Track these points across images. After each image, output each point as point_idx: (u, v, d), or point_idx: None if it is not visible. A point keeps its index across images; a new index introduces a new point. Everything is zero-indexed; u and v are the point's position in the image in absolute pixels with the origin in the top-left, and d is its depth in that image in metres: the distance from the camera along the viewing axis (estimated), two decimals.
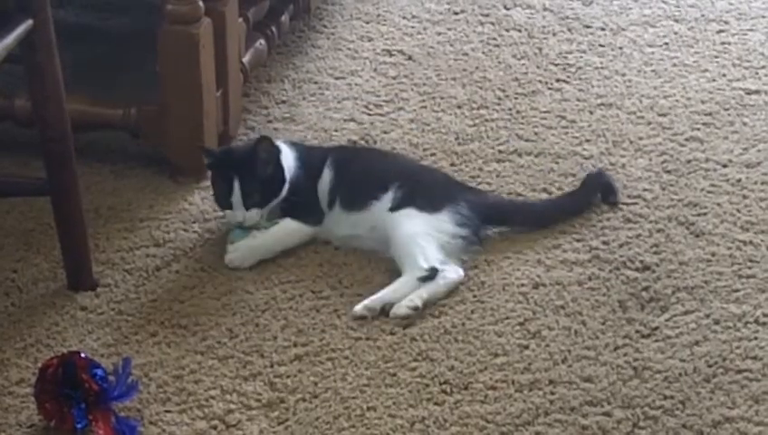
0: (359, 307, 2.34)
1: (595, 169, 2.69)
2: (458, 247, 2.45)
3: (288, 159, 2.54)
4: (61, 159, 2.32)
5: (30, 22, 2.20)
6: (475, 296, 2.39)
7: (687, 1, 3.47)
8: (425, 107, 3.00)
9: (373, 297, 2.35)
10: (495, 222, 2.54)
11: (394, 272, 2.42)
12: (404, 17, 3.38)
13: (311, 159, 2.58)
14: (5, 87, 2.70)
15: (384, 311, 2.34)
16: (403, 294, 2.34)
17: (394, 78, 3.11)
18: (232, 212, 2.49)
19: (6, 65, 2.19)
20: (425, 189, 2.51)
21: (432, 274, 2.37)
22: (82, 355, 2.09)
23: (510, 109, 2.99)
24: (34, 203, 2.57)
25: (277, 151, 2.51)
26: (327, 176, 2.55)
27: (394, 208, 2.47)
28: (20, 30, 2.18)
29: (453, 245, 2.44)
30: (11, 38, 2.16)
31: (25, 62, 2.25)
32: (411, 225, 2.44)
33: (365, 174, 2.55)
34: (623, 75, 3.12)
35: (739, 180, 2.72)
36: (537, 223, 2.56)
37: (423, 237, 2.42)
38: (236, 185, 2.48)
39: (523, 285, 2.41)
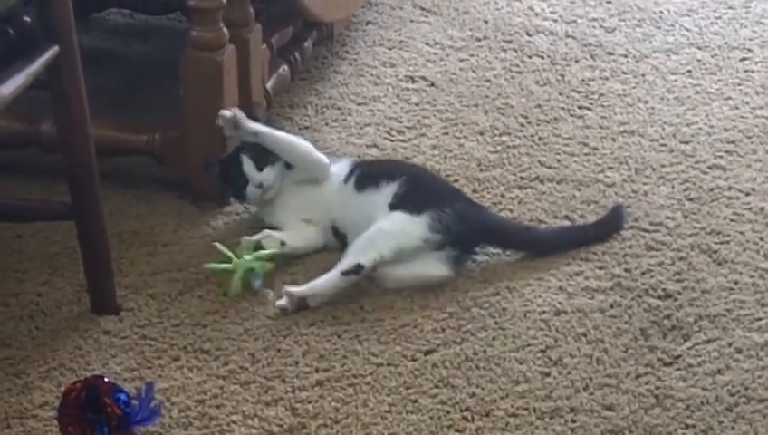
0: (281, 301, 2.40)
1: (616, 205, 2.68)
2: (430, 253, 2.45)
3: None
4: (85, 183, 2.33)
5: (56, 48, 2.21)
6: (496, 323, 2.39)
7: (711, 28, 3.47)
8: (447, 133, 3.00)
9: (295, 289, 2.41)
10: (491, 242, 2.55)
11: (416, 297, 2.43)
12: (426, 44, 3.39)
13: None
14: (31, 112, 2.72)
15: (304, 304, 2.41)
16: (324, 286, 2.41)
17: (416, 104, 3.12)
18: (251, 186, 2.57)
19: (31, 91, 2.20)
20: (418, 193, 2.52)
21: (356, 270, 2.40)
22: (106, 379, 2.09)
23: (532, 135, 2.99)
24: (59, 227, 2.59)
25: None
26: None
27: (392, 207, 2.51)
28: (46, 56, 2.20)
29: (423, 249, 2.45)
30: (37, 64, 2.18)
31: (51, 88, 2.27)
32: (386, 223, 2.46)
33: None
34: (646, 102, 3.12)
35: (762, 209, 2.71)
36: (538, 250, 2.56)
37: (384, 236, 2.44)
38: (243, 157, 2.59)
39: (544, 312, 2.41)
